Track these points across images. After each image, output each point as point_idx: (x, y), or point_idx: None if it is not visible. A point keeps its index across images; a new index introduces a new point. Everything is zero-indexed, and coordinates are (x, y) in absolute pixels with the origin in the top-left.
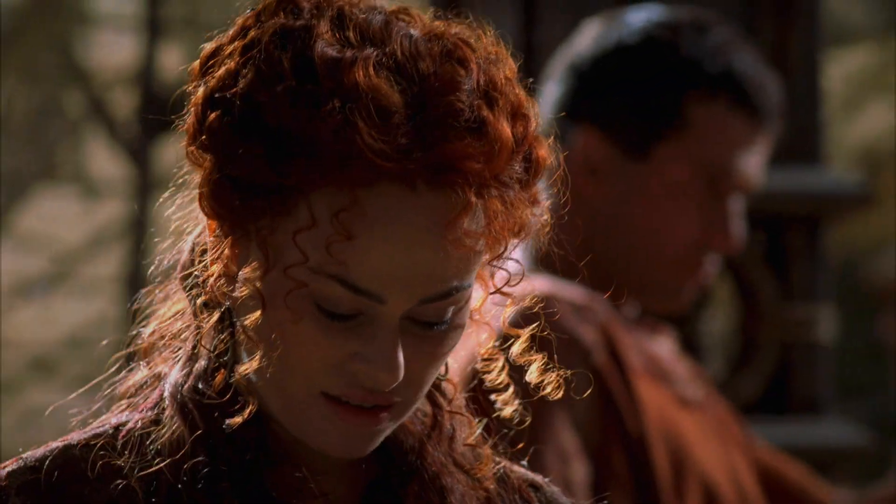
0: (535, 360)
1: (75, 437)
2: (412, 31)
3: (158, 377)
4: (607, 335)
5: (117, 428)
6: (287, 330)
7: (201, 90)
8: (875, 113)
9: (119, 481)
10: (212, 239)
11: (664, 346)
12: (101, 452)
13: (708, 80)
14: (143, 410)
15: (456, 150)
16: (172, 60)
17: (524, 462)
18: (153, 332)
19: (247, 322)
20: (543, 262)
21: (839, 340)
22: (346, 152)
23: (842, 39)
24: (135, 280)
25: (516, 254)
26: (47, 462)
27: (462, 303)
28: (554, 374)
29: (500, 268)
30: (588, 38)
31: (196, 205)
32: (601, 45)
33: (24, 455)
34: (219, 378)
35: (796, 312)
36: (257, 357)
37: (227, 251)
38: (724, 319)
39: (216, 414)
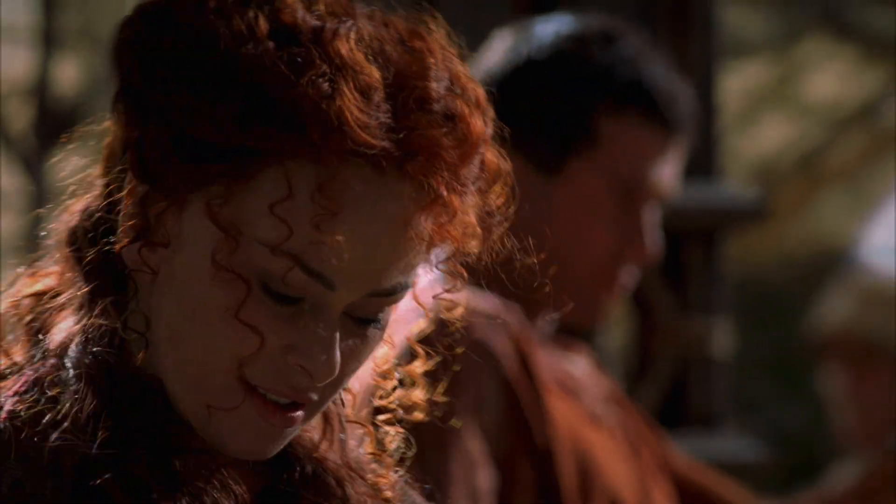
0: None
1: None
2: (366, 12)
3: (20, 363)
4: (519, 347)
5: None
6: (220, 309)
7: (147, 38)
8: (771, 127)
9: (16, 467)
10: (133, 203)
11: (579, 364)
12: None
13: (617, 93)
14: (12, 395)
15: (432, 138)
16: (68, 73)
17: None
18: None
19: (170, 300)
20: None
21: (736, 355)
22: (330, 122)
23: (738, 52)
24: None
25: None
26: None
27: (397, 303)
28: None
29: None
30: (497, 52)
31: (93, 169)
32: (511, 60)
33: None
34: (141, 356)
35: (692, 326)
36: (189, 339)
37: (152, 218)
38: (621, 334)
39: (126, 389)
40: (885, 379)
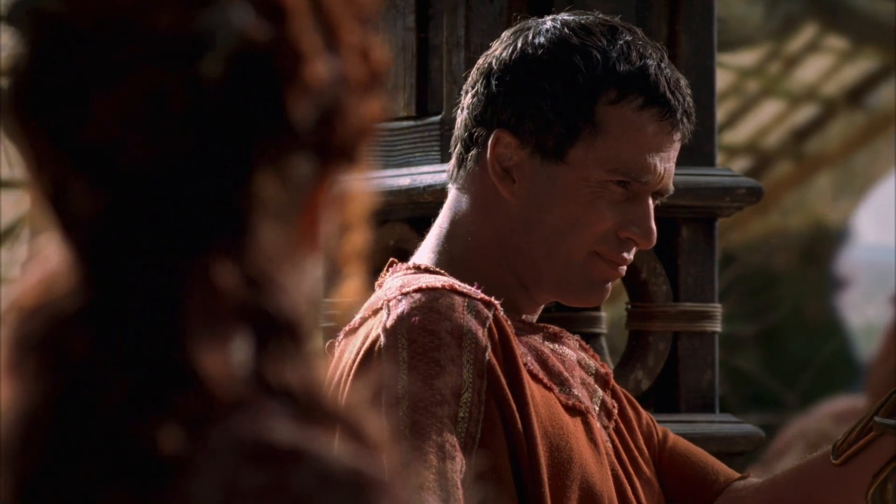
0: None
1: None
2: None
3: None
4: (499, 333)
5: None
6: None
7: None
8: (765, 111)
9: None
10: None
11: (565, 352)
12: None
13: (618, 83)
14: None
15: None
16: None
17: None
18: None
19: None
20: (452, 262)
21: (730, 337)
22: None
23: (735, 42)
24: None
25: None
26: None
27: None
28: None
29: None
30: (501, 44)
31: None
32: (513, 51)
33: None
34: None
35: (686, 308)
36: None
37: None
38: (615, 316)
39: None
40: None
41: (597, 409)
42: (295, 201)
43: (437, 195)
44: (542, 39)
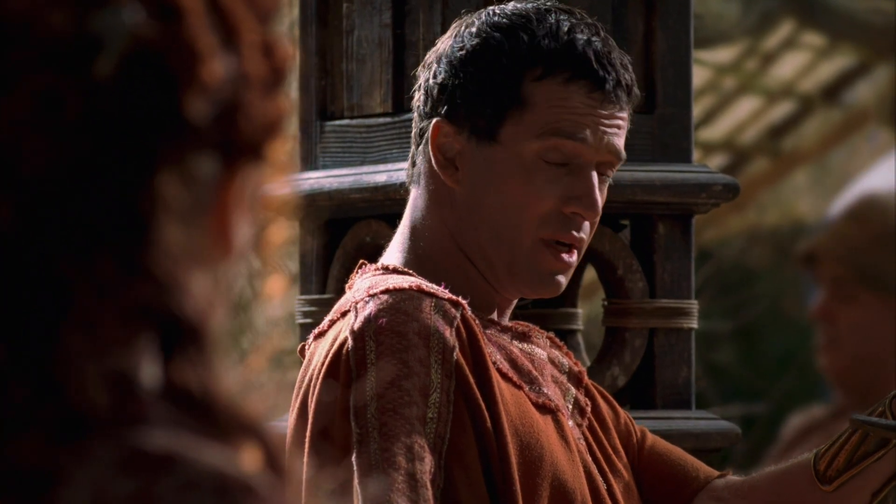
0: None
1: None
2: None
3: None
4: (467, 333)
5: None
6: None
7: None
8: (741, 111)
9: None
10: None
11: (535, 351)
12: None
13: (543, 60)
14: None
15: None
16: None
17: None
18: None
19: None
20: (418, 261)
21: (707, 333)
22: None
23: (711, 39)
24: None
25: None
26: None
27: None
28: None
29: None
30: (444, 39)
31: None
32: (447, 42)
33: None
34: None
35: (663, 305)
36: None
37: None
38: (592, 313)
39: None
40: (871, 309)
41: (570, 406)
42: (201, 201)
43: None
44: (474, 28)
